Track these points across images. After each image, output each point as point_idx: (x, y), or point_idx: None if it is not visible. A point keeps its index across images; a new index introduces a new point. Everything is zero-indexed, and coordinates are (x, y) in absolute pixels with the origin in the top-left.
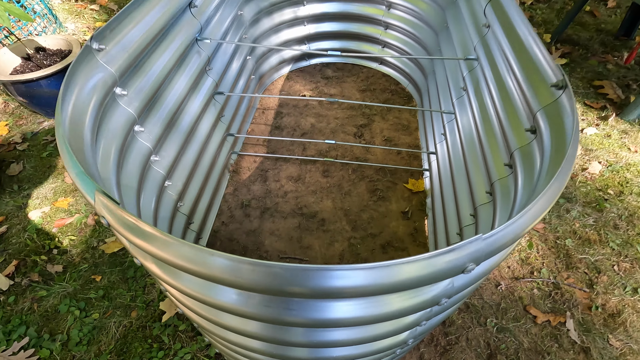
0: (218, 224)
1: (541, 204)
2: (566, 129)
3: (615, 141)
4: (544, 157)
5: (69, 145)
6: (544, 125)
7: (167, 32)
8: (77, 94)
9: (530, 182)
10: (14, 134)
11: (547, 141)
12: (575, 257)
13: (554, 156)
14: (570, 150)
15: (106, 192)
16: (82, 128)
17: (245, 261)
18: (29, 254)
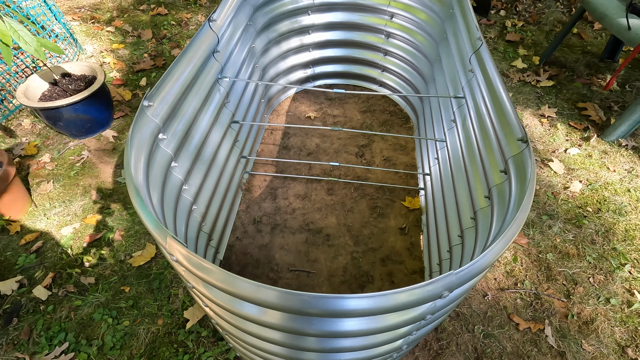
0: (233, 239)
1: (499, 246)
2: (527, 177)
3: (596, 161)
4: (512, 197)
5: (142, 199)
6: (512, 171)
7: (196, 79)
8: (136, 148)
9: (502, 217)
10: (43, 154)
11: (514, 185)
12: (555, 270)
13: (516, 201)
14: (526, 198)
15: (175, 237)
16: (138, 175)
17: (281, 291)
18: (64, 267)
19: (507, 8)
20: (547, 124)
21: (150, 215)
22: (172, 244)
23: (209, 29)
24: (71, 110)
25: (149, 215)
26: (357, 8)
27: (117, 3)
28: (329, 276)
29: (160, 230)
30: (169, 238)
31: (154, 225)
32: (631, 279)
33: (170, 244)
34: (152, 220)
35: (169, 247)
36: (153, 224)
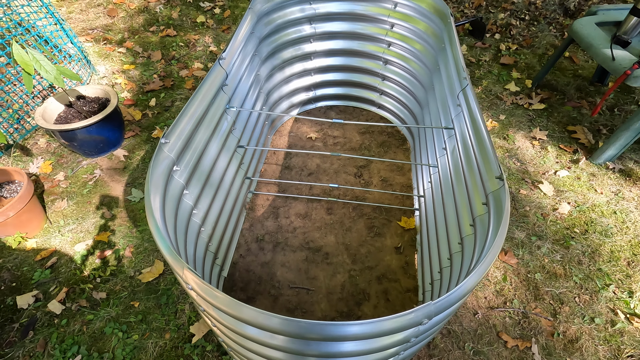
0: (237, 256)
1: (471, 280)
2: (503, 213)
3: (584, 183)
4: (490, 231)
5: (161, 232)
6: (492, 205)
7: (206, 113)
8: (154, 184)
9: (481, 248)
10: (57, 172)
11: (492, 218)
12: (543, 290)
13: (492, 235)
14: (499, 233)
15: (190, 268)
16: (157, 209)
17: (283, 318)
18: (77, 282)
19: (501, 32)
20: (538, 146)
21: (169, 248)
22: (188, 274)
23: (219, 67)
24: (85, 131)
25: (168, 248)
26: (357, 36)
27: (128, 24)
28: (328, 293)
29: (178, 262)
30: (185, 270)
31: (172, 258)
32: (615, 299)
33: (186, 275)
34: (171, 253)
35: (185, 277)
36: (172, 256)
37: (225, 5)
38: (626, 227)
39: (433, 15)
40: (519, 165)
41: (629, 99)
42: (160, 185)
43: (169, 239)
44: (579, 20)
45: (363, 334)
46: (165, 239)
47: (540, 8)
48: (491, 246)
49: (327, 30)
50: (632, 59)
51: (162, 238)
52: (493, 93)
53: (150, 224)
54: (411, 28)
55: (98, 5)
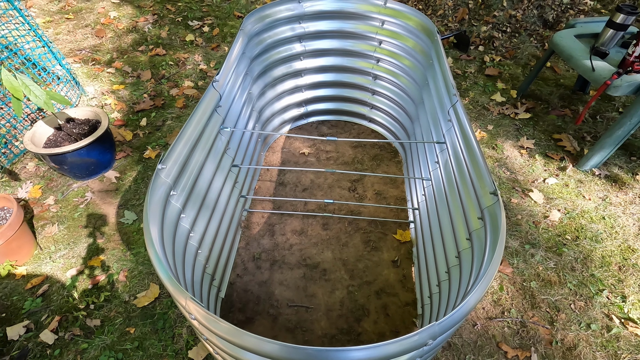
0: (234, 276)
1: (474, 297)
2: (499, 228)
3: (573, 190)
4: (487, 245)
5: (163, 263)
6: (487, 220)
7: (201, 136)
8: (152, 212)
9: (480, 263)
10: (47, 196)
11: (489, 233)
12: (539, 298)
13: (490, 250)
14: (497, 248)
15: (193, 298)
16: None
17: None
18: (70, 309)
19: (485, 44)
20: (526, 155)
21: (171, 278)
22: (191, 305)
23: (213, 89)
24: (76, 154)
25: (170, 279)
26: (346, 53)
27: (116, 44)
28: (327, 310)
29: (181, 293)
30: (188, 300)
31: (175, 288)
32: (609, 304)
33: (189, 305)
34: (173, 283)
35: (187, 307)
36: (174, 287)
37: (214, 23)
38: (615, 232)
39: (420, 33)
40: (508, 174)
41: (610, 106)
42: (157, 212)
43: (169, 268)
44: (559, 32)
45: (368, 359)
46: (166, 269)
47: (521, 20)
48: (490, 263)
49: (317, 47)
50: (611, 70)
51: (164, 268)
52: (480, 104)
53: (151, 254)
54: (399, 45)
55: (86, 26)
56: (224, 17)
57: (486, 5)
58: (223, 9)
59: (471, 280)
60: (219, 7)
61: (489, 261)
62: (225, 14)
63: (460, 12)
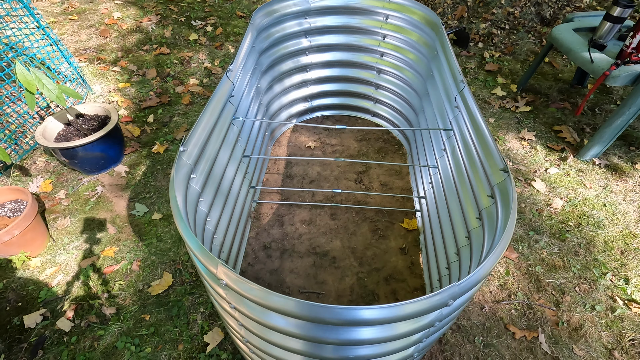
0: (245, 265)
1: (491, 260)
2: (511, 202)
3: (574, 179)
4: (499, 218)
5: (193, 235)
6: (498, 196)
7: (217, 123)
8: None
9: (492, 235)
10: (58, 190)
11: (500, 208)
12: (544, 281)
13: (503, 223)
14: (510, 220)
15: (224, 264)
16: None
17: (307, 303)
18: (85, 298)
19: (484, 41)
20: (528, 146)
21: (201, 247)
22: (222, 269)
23: (227, 79)
24: (86, 148)
25: (199, 247)
26: (351, 48)
27: (121, 44)
28: (338, 296)
29: (211, 260)
30: (219, 266)
31: (204, 255)
32: (612, 287)
33: (220, 270)
34: (203, 252)
35: (219, 273)
36: (204, 255)
37: (217, 23)
38: (616, 219)
39: (424, 26)
40: (511, 165)
41: (607, 99)
42: (182, 189)
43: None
44: (558, 27)
45: (387, 317)
46: (195, 238)
47: (519, 17)
48: (504, 231)
49: (323, 43)
50: (609, 61)
51: (192, 237)
52: (481, 98)
53: (179, 225)
54: (403, 38)
55: (90, 26)
56: (226, 17)
57: (484, 3)
58: (225, 9)
59: (484, 251)
60: (221, 7)
61: (501, 230)
62: (227, 14)
63: (459, 9)
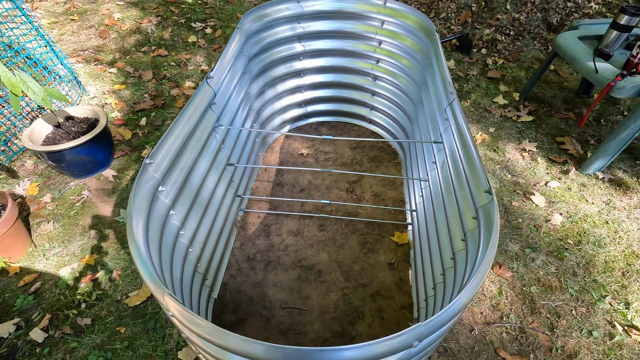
0: (227, 276)
1: (463, 298)
2: (493, 228)
3: (575, 193)
4: (480, 246)
5: (144, 257)
6: (482, 220)
7: (194, 131)
8: (138, 206)
9: (473, 261)
10: (44, 194)
11: (482, 234)
12: (539, 303)
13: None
14: (489, 249)
15: (172, 295)
16: (139, 234)
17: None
18: (61, 308)
19: (487, 47)
20: (528, 158)
21: (150, 274)
22: (169, 301)
23: (207, 86)
24: (74, 152)
25: (149, 274)
26: (346, 54)
27: (119, 45)
28: (321, 313)
29: (159, 288)
30: (166, 296)
31: (153, 284)
32: (612, 311)
33: (167, 301)
34: (152, 279)
35: (165, 304)
36: (153, 282)
37: (217, 25)
38: (619, 237)
39: (419, 32)
40: (510, 177)
41: (614, 109)
42: (144, 207)
43: (151, 264)
44: (562, 34)
45: (354, 358)
46: (147, 263)
47: (524, 23)
48: (482, 262)
49: (317, 48)
50: (614, 71)
51: (144, 263)
52: (482, 106)
53: (132, 249)
54: (398, 44)
55: (90, 27)
56: (227, 19)
57: (489, 8)
58: (226, 11)
59: (465, 280)
60: (222, 9)
61: (481, 260)
62: (228, 16)
63: (463, 15)
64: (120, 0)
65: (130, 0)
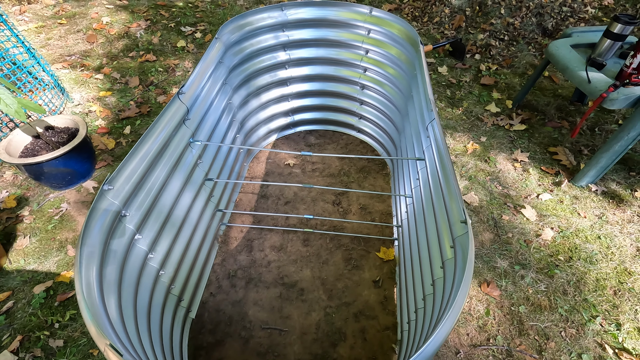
0: (207, 294)
1: (432, 347)
2: (466, 261)
3: (567, 206)
4: (455, 279)
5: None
6: (458, 252)
7: (164, 150)
8: (89, 238)
9: (448, 297)
10: (22, 206)
11: (457, 268)
12: (527, 324)
13: (455, 290)
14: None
15: (113, 347)
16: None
17: None
18: (33, 329)
19: (481, 52)
20: (520, 169)
21: (93, 321)
22: (109, 353)
23: (178, 102)
24: (52, 164)
25: (93, 321)
26: (332, 62)
27: (107, 50)
28: (302, 334)
29: (100, 337)
30: (106, 347)
31: (95, 329)
32: (602, 332)
33: (107, 353)
34: (95, 324)
35: (106, 355)
36: (95, 327)
37: (207, 29)
38: (611, 253)
39: (404, 42)
40: (500, 189)
41: (609, 118)
42: (98, 240)
43: (101, 304)
44: (554, 42)
45: None
46: (87, 308)
47: (519, 28)
48: (452, 304)
49: (302, 56)
50: (607, 82)
51: (85, 307)
52: (474, 114)
53: (77, 291)
54: (384, 54)
55: (78, 31)
56: (217, 24)
57: (483, 13)
58: (217, 14)
59: (440, 314)
60: (213, 12)
61: (452, 300)
62: (219, 20)
63: (456, 19)
64: (110, 4)
65: (119, 4)
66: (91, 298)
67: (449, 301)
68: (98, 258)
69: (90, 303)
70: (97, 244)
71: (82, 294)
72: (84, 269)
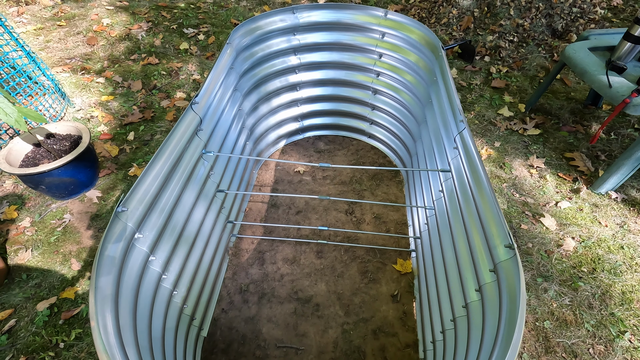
0: (218, 311)
1: None
2: (518, 293)
3: (587, 215)
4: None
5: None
6: (502, 279)
7: (178, 164)
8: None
9: (495, 326)
10: (23, 217)
11: (504, 298)
12: (554, 341)
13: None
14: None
15: None
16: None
17: None
18: (37, 349)
19: (491, 54)
20: (537, 175)
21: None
22: None
23: (192, 112)
24: (54, 173)
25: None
26: (344, 66)
27: (108, 53)
28: (319, 353)
29: None
30: None
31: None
32: (632, 349)
33: None
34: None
35: None
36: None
37: (210, 31)
38: (636, 264)
39: (423, 47)
40: (518, 196)
41: (624, 122)
42: (114, 264)
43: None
44: (572, 45)
45: None
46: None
47: (529, 30)
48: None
49: (313, 60)
50: (630, 87)
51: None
52: (486, 119)
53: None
54: (401, 59)
55: (78, 33)
56: (220, 25)
57: (492, 14)
58: (220, 16)
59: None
60: (216, 14)
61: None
62: (221, 22)
63: (465, 20)
64: (110, 5)
65: (120, 5)
66: (109, 343)
67: (497, 337)
68: (112, 300)
69: (108, 345)
70: (113, 269)
71: (100, 339)
72: (99, 316)
